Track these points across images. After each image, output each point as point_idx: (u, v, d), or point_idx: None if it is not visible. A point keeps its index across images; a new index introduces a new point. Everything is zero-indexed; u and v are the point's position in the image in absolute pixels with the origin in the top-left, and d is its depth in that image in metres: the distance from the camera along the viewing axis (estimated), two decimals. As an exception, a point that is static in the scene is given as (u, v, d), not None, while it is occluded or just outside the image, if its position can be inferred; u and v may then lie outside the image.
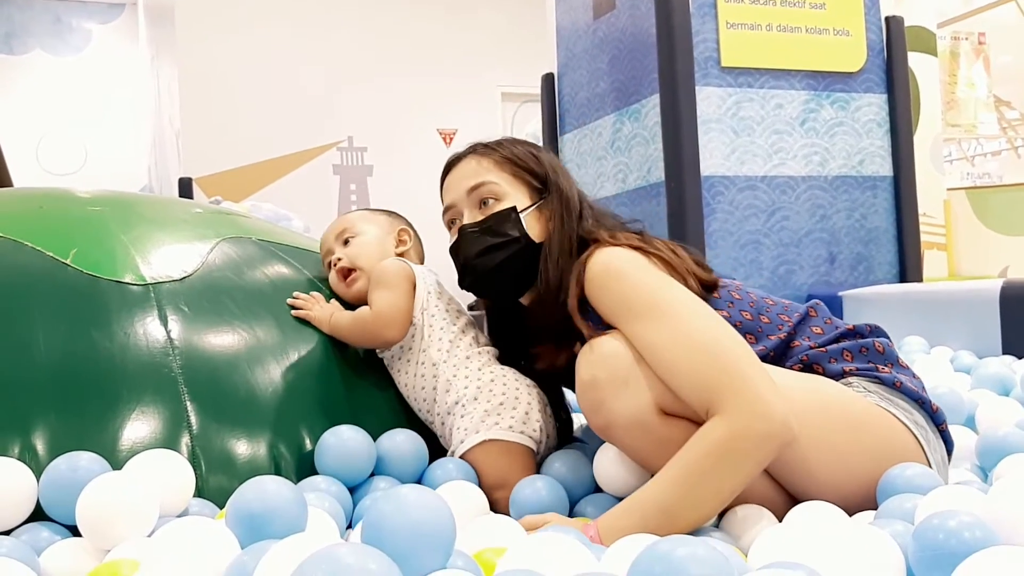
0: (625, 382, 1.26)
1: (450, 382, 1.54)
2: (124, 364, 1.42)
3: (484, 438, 1.47)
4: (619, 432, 1.28)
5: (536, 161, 1.53)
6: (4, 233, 1.59)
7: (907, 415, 1.31)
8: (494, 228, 1.48)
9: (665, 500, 1.16)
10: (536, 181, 1.52)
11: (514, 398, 1.50)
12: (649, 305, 1.29)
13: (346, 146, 8.22)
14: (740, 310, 1.41)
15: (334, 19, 8.13)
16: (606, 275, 1.34)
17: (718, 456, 1.15)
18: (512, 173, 1.52)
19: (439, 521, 0.91)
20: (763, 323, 1.41)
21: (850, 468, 1.26)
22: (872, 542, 0.95)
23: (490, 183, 1.50)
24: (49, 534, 1.21)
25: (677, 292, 1.31)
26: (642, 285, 1.31)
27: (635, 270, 1.33)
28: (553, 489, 1.37)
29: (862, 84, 3.65)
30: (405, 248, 1.76)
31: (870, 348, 1.39)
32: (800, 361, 1.38)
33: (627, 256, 1.36)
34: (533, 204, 1.50)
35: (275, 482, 1.10)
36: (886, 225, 3.68)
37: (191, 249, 1.67)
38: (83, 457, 1.25)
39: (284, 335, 1.59)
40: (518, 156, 1.53)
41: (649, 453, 1.27)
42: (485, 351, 1.59)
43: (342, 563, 0.72)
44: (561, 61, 4.30)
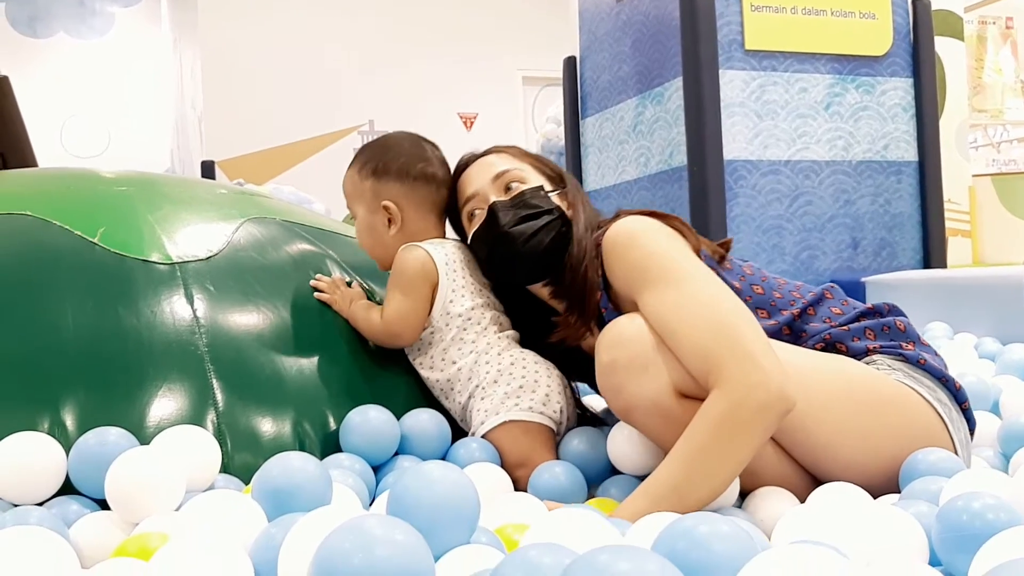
0: (644, 366, 1.26)
1: (472, 370, 1.54)
2: (151, 342, 1.44)
3: (504, 419, 1.47)
4: (639, 415, 1.29)
5: (549, 161, 1.61)
6: (33, 212, 1.61)
7: (931, 393, 1.31)
8: (527, 202, 1.50)
9: (674, 479, 1.16)
10: (554, 172, 1.59)
11: (533, 380, 1.50)
12: (661, 271, 1.30)
13: (367, 130, 8.24)
14: (751, 284, 1.43)
15: (356, 3, 8.14)
16: (623, 243, 1.36)
17: (719, 430, 1.16)
18: (532, 165, 1.57)
19: (463, 497, 0.92)
20: (775, 298, 1.42)
21: (874, 448, 1.26)
22: (896, 522, 0.95)
23: (515, 170, 1.53)
24: (78, 507, 1.23)
25: (689, 261, 1.33)
26: (655, 252, 1.33)
27: (650, 236, 1.35)
28: (571, 474, 1.38)
29: (888, 68, 3.61)
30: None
31: (891, 326, 1.39)
32: (823, 340, 1.38)
33: (643, 223, 1.38)
34: (556, 189, 1.54)
35: (300, 458, 1.12)
36: (910, 211, 3.65)
37: (216, 229, 1.69)
38: (111, 432, 1.27)
39: (308, 314, 1.60)
40: (534, 154, 1.60)
41: (669, 436, 1.27)
42: (505, 336, 1.57)
43: (370, 534, 0.73)
44: (583, 44, 4.28)
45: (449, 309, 1.56)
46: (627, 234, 1.36)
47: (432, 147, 1.66)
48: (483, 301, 1.59)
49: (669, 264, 1.31)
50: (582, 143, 4.38)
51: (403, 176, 1.60)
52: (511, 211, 1.49)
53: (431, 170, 1.61)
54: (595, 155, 4.26)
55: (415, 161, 1.60)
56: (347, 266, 1.77)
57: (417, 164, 1.60)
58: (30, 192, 1.74)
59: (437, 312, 1.57)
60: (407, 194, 1.60)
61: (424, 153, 1.63)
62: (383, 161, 1.61)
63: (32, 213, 1.61)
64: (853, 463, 1.25)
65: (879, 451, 1.26)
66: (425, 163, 1.61)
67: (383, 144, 1.65)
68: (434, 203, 1.62)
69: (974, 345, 2.52)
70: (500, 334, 1.58)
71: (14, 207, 1.63)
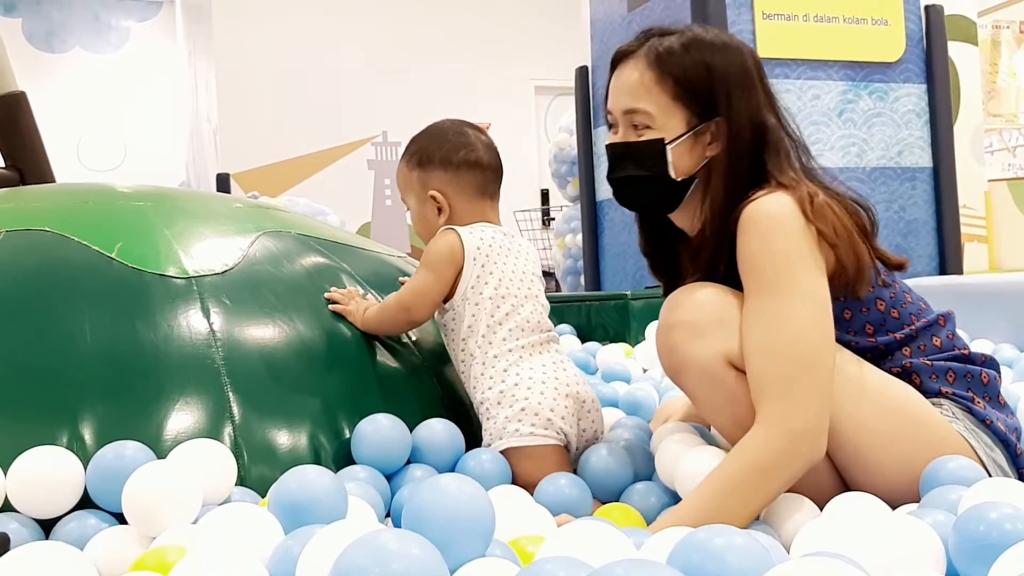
0: (702, 332, 1.27)
1: (478, 379, 1.54)
2: (168, 356, 1.45)
3: (505, 446, 1.48)
4: (689, 379, 1.31)
5: (704, 78, 1.35)
6: (51, 228, 1.62)
7: (986, 451, 1.29)
8: (636, 157, 1.38)
9: (698, 514, 1.17)
10: (700, 103, 1.35)
11: (536, 403, 1.48)
12: (772, 278, 1.26)
13: (380, 141, 8.27)
14: (877, 297, 1.35)
15: (369, 14, 8.18)
16: (750, 230, 1.28)
17: (750, 472, 1.19)
18: (672, 95, 1.35)
19: (479, 510, 0.92)
20: (891, 317, 1.36)
21: (912, 482, 1.26)
22: (913, 532, 0.94)
23: (644, 111, 1.36)
24: (96, 521, 1.24)
25: (803, 275, 1.25)
26: (777, 254, 1.26)
27: (782, 233, 1.26)
28: (576, 485, 1.38)
29: (901, 74, 3.60)
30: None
31: (975, 376, 1.35)
32: (903, 368, 1.35)
33: (785, 213, 1.27)
34: (690, 131, 1.35)
35: (316, 471, 1.12)
36: (925, 217, 3.64)
37: (232, 243, 1.70)
38: (129, 446, 1.28)
39: (323, 327, 1.61)
40: (686, 73, 1.35)
41: (716, 405, 1.30)
42: (519, 348, 1.54)
43: (386, 548, 0.73)
44: (595, 54, 4.29)
45: (468, 296, 1.56)
46: (762, 221, 1.27)
47: (477, 132, 1.65)
48: (507, 292, 1.56)
49: (782, 274, 1.25)
50: (595, 152, 4.38)
51: (447, 164, 1.60)
52: (619, 162, 1.41)
53: (474, 156, 1.61)
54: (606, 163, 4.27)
55: (458, 148, 1.61)
56: (361, 279, 1.78)
57: (460, 151, 1.61)
58: (48, 208, 1.76)
59: (459, 295, 1.56)
60: (452, 181, 1.61)
61: (467, 139, 1.63)
62: (427, 151, 1.62)
63: (50, 229, 1.62)
64: (889, 489, 1.26)
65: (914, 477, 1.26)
66: (468, 149, 1.61)
67: (428, 133, 1.66)
68: (480, 187, 1.62)
69: (991, 352, 2.51)
70: (514, 340, 1.54)
71: (33, 223, 1.64)
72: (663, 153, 1.36)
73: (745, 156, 1.34)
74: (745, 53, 1.39)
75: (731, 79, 1.35)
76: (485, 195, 1.63)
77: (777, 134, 1.36)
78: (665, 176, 1.37)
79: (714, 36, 1.39)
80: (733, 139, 1.34)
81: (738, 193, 1.33)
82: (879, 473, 1.27)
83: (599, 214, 4.43)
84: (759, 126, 1.35)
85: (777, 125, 1.37)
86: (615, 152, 1.42)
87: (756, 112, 1.35)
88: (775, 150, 1.35)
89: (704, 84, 1.35)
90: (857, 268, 1.29)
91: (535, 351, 1.56)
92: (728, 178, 1.34)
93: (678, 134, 1.36)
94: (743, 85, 1.35)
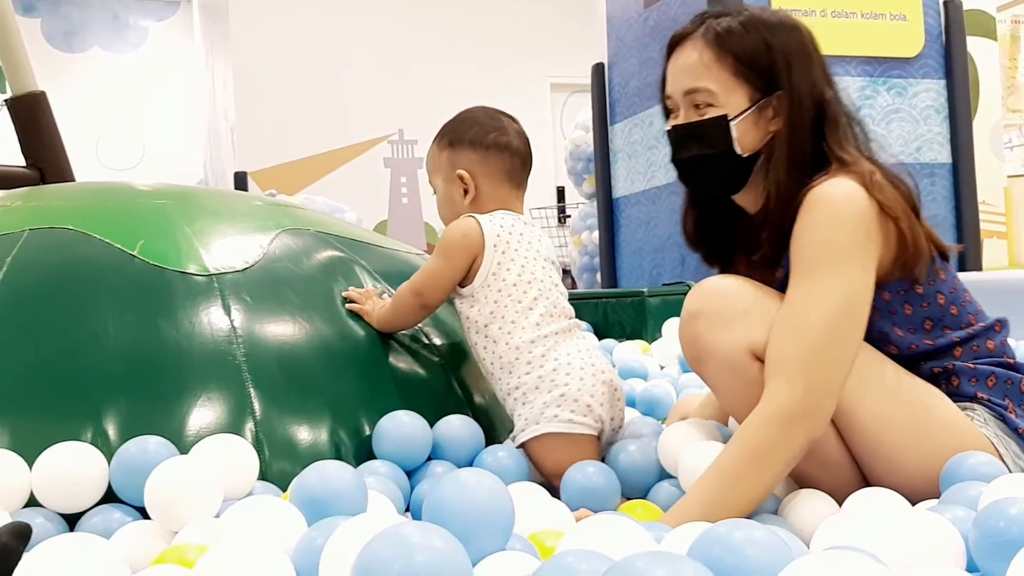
0: (726, 323, 1.29)
1: (510, 365, 1.53)
2: (190, 352, 1.46)
3: (543, 431, 1.48)
4: (711, 368, 1.32)
5: (764, 53, 1.36)
6: (75, 226, 1.64)
7: (1014, 459, 1.29)
8: (700, 136, 1.39)
9: (707, 496, 1.19)
10: (761, 78, 1.36)
11: (576, 389, 1.49)
12: (812, 264, 1.26)
13: (397, 139, 8.29)
14: (937, 290, 1.35)
15: (384, 13, 8.20)
16: (810, 214, 1.28)
17: (750, 448, 1.20)
18: (733, 71, 1.36)
19: (499, 504, 0.93)
20: (950, 314, 1.36)
21: (933, 482, 1.26)
22: (933, 527, 0.94)
23: (705, 89, 1.37)
24: (120, 515, 1.25)
25: (847, 271, 1.25)
26: (830, 241, 1.26)
27: (835, 223, 1.26)
28: (604, 474, 1.38)
29: (919, 70, 3.58)
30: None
31: (1015, 384, 1.34)
32: (944, 368, 1.35)
33: (843, 203, 1.27)
34: (752, 106, 1.36)
35: (336, 466, 1.14)
36: (945, 213, 3.62)
37: (252, 240, 1.71)
38: (151, 441, 1.30)
39: (342, 324, 1.62)
40: (745, 49, 1.36)
41: (737, 396, 1.30)
42: (553, 334, 1.53)
43: (409, 541, 0.74)
44: (611, 51, 4.29)
45: (490, 282, 1.55)
46: (820, 206, 1.27)
47: (510, 119, 1.67)
48: (531, 278, 1.56)
49: (824, 260, 1.26)
50: (611, 149, 4.38)
51: (477, 145, 1.62)
52: (683, 143, 1.41)
53: (504, 139, 1.63)
54: (624, 161, 4.26)
55: (489, 131, 1.63)
56: (379, 276, 1.79)
57: (491, 134, 1.62)
58: (71, 206, 1.78)
59: (478, 281, 1.55)
60: (481, 162, 1.62)
61: (499, 124, 1.64)
62: (458, 132, 1.64)
63: (73, 227, 1.64)
64: (910, 487, 1.25)
65: (935, 477, 1.26)
66: (499, 132, 1.63)
67: (460, 117, 1.68)
68: (508, 172, 1.63)
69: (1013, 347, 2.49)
70: (547, 325, 1.53)
71: (56, 221, 1.66)
72: (727, 130, 1.36)
73: (807, 129, 1.35)
74: (801, 29, 1.40)
75: (791, 53, 1.36)
76: (512, 181, 1.64)
77: (835, 108, 1.37)
78: (730, 153, 1.37)
79: (770, 14, 1.41)
80: (795, 112, 1.35)
81: (801, 168, 1.34)
82: (901, 470, 1.27)
83: (615, 211, 4.43)
84: (819, 100, 1.36)
85: (835, 99, 1.38)
86: (678, 134, 1.42)
87: (815, 86, 1.36)
88: (834, 124, 1.36)
89: (764, 59, 1.36)
90: (916, 244, 1.30)
91: (566, 337, 1.55)
92: (791, 151, 1.35)
93: (741, 110, 1.36)
94: (802, 59, 1.36)
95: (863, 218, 1.27)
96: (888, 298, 1.34)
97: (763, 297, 1.31)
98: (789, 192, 1.33)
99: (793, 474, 1.32)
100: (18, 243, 1.59)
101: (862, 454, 1.30)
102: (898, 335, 1.34)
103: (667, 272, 3.94)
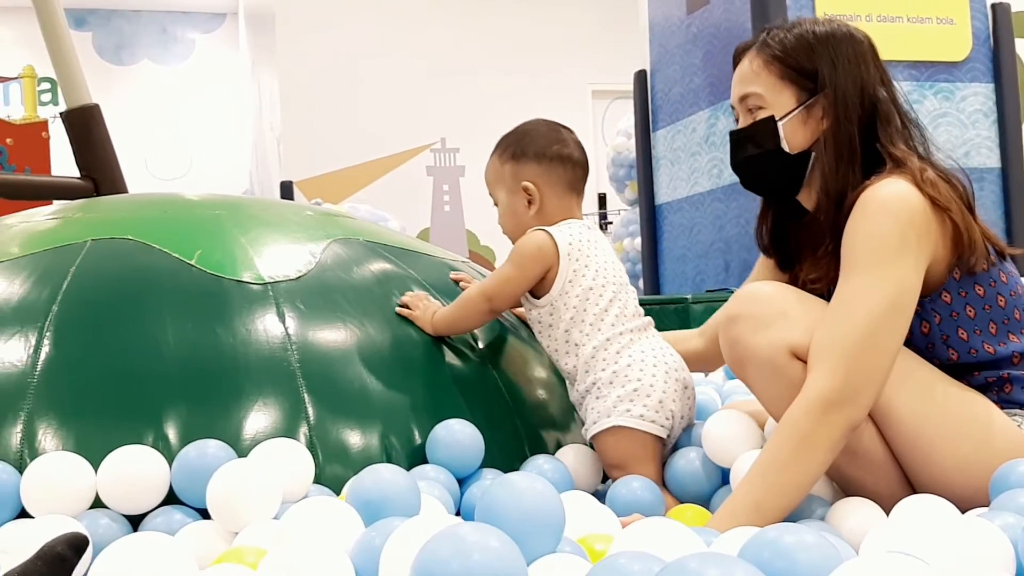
0: (766, 325, 1.31)
1: (589, 364, 1.56)
2: (247, 358, 1.50)
3: (614, 424, 1.50)
4: (752, 370, 1.35)
5: (808, 54, 1.42)
6: (135, 237, 1.70)
7: None
8: (753, 138, 1.46)
9: (754, 495, 1.21)
10: (808, 79, 1.42)
11: (649, 385, 1.51)
12: (860, 261, 1.29)
13: (439, 147, 8.36)
14: (998, 292, 1.36)
15: (426, 22, 8.27)
16: (862, 213, 1.31)
17: (791, 440, 1.22)
18: (779, 74, 1.44)
19: (550, 506, 0.95)
20: (1014, 318, 1.37)
21: (979, 488, 1.26)
22: (981, 534, 0.95)
23: (754, 93, 1.45)
24: (182, 516, 1.29)
25: (894, 267, 1.28)
26: (876, 236, 1.29)
27: (886, 221, 1.29)
28: (648, 490, 1.40)
29: (967, 73, 3.55)
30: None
31: None
32: (999, 377, 1.35)
33: (895, 202, 1.30)
34: (800, 105, 1.42)
35: (390, 470, 1.17)
36: (994, 218, 3.58)
37: (304, 250, 1.75)
38: (211, 445, 1.34)
39: (393, 331, 1.65)
40: (789, 51, 1.43)
41: (777, 397, 1.32)
42: (628, 332, 1.57)
43: (466, 540, 0.77)
44: (654, 57, 4.30)
45: (568, 289, 1.58)
46: (871, 205, 1.30)
47: (568, 131, 1.71)
48: (605, 280, 1.60)
49: (872, 256, 1.28)
50: (653, 156, 4.39)
51: (540, 157, 1.65)
52: (740, 146, 1.49)
53: (567, 151, 1.67)
54: (667, 167, 4.27)
55: (551, 143, 1.67)
56: (428, 284, 1.82)
57: (553, 146, 1.66)
58: (130, 217, 1.84)
59: (557, 290, 1.59)
60: (544, 174, 1.65)
61: (560, 136, 1.68)
62: (521, 145, 1.67)
63: (134, 237, 1.70)
64: (951, 488, 1.27)
65: (978, 483, 1.26)
66: (560, 144, 1.67)
67: (521, 130, 1.71)
68: (570, 183, 1.67)
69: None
70: (622, 324, 1.57)
71: (117, 232, 1.72)
72: (775, 130, 1.43)
73: (853, 126, 1.38)
74: (854, 32, 1.45)
75: (837, 55, 1.41)
76: (574, 191, 1.69)
77: (888, 107, 1.40)
78: (779, 151, 1.42)
79: (823, 23, 1.47)
80: (840, 109, 1.39)
81: (851, 166, 1.38)
82: (939, 469, 1.28)
83: (658, 217, 4.43)
84: (869, 98, 1.40)
85: (889, 100, 1.41)
86: (735, 139, 1.50)
87: (866, 84, 1.40)
88: (886, 122, 1.39)
89: (808, 59, 1.42)
90: (970, 237, 1.31)
91: (641, 334, 1.59)
92: (838, 146, 1.39)
93: (788, 110, 1.42)
94: (850, 60, 1.41)
95: (914, 217, 1.29)
96: (949, 300, 1.35)
97: (802, 300, 1.34)
98: (840, 186, 1.37)
99: (836, 477, 1.33)
100: (81, 253, 1.65)
101: (902, 452, 1.31)
102: (961, 338, 1.35)
103: (710, 278, 3.94)
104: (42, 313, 1.51)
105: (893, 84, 1.44)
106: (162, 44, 10.56)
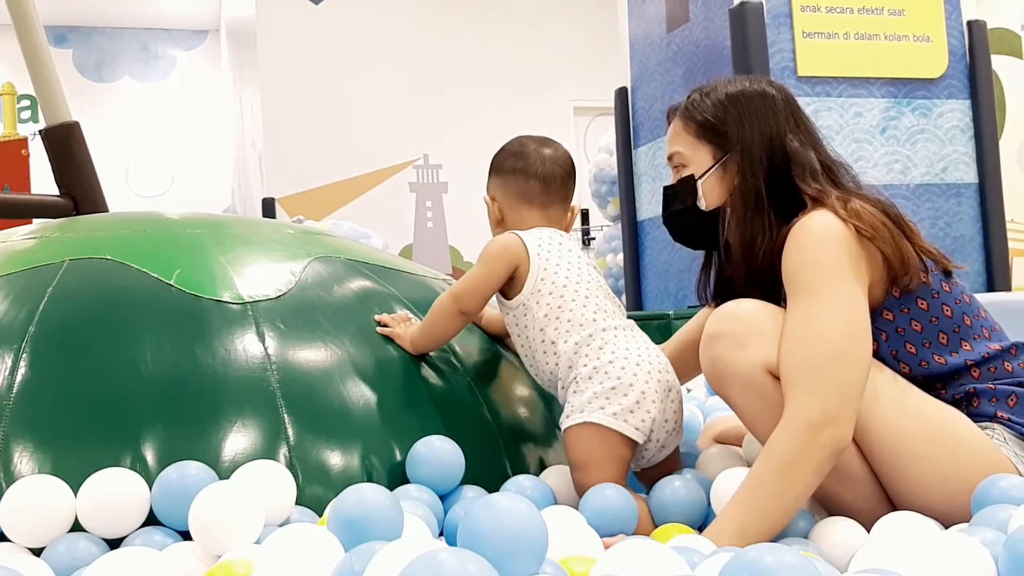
0: (744, 343, 1.34)
1: (572, 359, 1.54)
2: (226, 379, 1.49)
3: (584, 420, 1.48)
4: (732, 388, 1.37)
5: (720, 115, 1.51)
6: (113, 256, 1.68)
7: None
8: (678, 195, 1.57)
9: (737, 520, 1.21)
10: (720, 138, 1.51)
11: (628, 384, 1.48)
12: (804, 285, 1.33)
13: (422, 164, 8.36)
14: (943, 303, 1.39)
15: (409, 39, 8.29)
16: (795, 245, 1.37)
17: (776, 465, 1.23)
18: (696, 135, 1.54)
19: (532, 528, 0.95)
20: (964, 324, 1.40)
21: (954, 496, 1.28)
22: (962, 549, 0.95)
23: (677, 152, 1.56)
24: (162, 538, 1.28)
25: (840, 284, 1.32)
26: (814, 261, 1.34)
27: (818, 246, 1.34)
28: (622, 498, 1.38)
29: (944, 90, 3.59)
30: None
31: None
32: (965, 393, 1.37)
33: (823, 229, 1.35)
34: (715, 164, 1.51)
35: (373, 489, 1.15)
36: (972, 233, 3.61)
37: (285, 268, 1.75)
38: (192, 466, 1.33)
39: (373, 350, 1.65)
40: (704, 113, 1.53)
41: (757, 414, 1.35)
42: (611, 327, 1.55)
43: (444, 566, 0.76)
44: (634, 74, 4.32)
45: (540, 287, 1.58)
46: (800, 235, 1.37)
47: (544, 146, 1.72)
48: (579, 278, 1.60)
49: (815, 278, 1.33)
50: (635, 172, 4.41)
51: (499, 171, 1.73)
52: (668, 202, 1.60)
53: (521, 165, 1.70)
54: (648, 184, 4.28)
55: (509, 157, 1.72)
56: (408, 302, 1.81)
57: (508, 160, 1.71)
58: (109, 237, 1.82)
59: (528, 289, 1.59)
60: (501, 187, 1.73)
61: (523, 150, 1.71)
62: (494, 160, 1.75)
63: (111, 257, 1.68)
64: (929, 503, 1.28)
65: (958, 498, 1.27)
66: (515, 158, 1.70)
67: (502, 146, 1.77)
68: (524, 195, 1.70)
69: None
70: (604, 320, 1.55)
71: (94, 252, 1.71)
72: (695, 188, 1.53)
73: (759, 179, 1.45)
74: (766, 85, 1.52)
75: (745, 110, 1.49)
76: (533, 204, 1.70)
77: (802, 154, 1.45)
78: (694, 209, 1.53)
79: (737, 81, 1.55)
80: (746, 164, 1.47)
81: (760, 215, 1.44)
82: (919, 486, 1.29)
83: (640, 233, 4.45)
84: (778, 149, 1.46)
85: (804, 145, 1.46)
86: (664, 194, 1.60)
87: (775, 136, 1.46)
88: (800, 167, 1.44)
89: (720, 118, 1.51)
90: (901, 258, 1.36)
91: (625, 332, 1.56)
92: (744, 201, 1.46)
93: (705, 168, 1.52)
94: (759, 114, 1.49)
95: (843, 242, 1.34)
96: (892, 318, 1.38)
97: (779, 318, 1.36)
98: (749, 235, 1.45)
99: (817, 494, 1.33)
100: (59, 273, 1.63)
101: (881, 469, 1.32)
102: (910, 352, 1.38)
103: (693, 295, 3.94)
104: (18, 334, 1.50)
105: (812, 131, 1.50)
106: (143, 61, 10.53)
